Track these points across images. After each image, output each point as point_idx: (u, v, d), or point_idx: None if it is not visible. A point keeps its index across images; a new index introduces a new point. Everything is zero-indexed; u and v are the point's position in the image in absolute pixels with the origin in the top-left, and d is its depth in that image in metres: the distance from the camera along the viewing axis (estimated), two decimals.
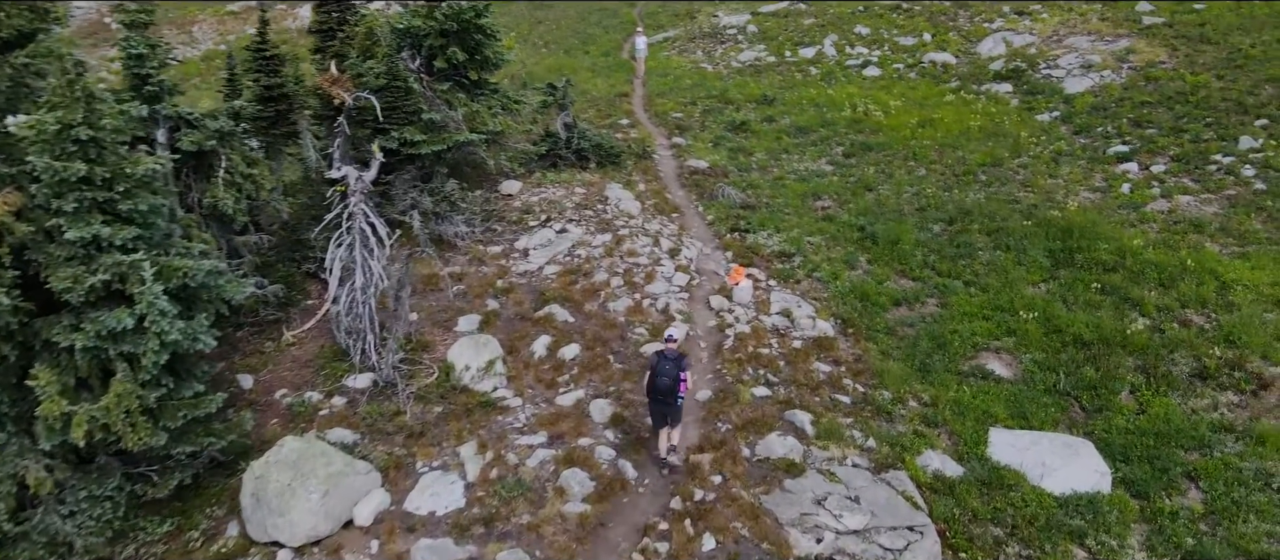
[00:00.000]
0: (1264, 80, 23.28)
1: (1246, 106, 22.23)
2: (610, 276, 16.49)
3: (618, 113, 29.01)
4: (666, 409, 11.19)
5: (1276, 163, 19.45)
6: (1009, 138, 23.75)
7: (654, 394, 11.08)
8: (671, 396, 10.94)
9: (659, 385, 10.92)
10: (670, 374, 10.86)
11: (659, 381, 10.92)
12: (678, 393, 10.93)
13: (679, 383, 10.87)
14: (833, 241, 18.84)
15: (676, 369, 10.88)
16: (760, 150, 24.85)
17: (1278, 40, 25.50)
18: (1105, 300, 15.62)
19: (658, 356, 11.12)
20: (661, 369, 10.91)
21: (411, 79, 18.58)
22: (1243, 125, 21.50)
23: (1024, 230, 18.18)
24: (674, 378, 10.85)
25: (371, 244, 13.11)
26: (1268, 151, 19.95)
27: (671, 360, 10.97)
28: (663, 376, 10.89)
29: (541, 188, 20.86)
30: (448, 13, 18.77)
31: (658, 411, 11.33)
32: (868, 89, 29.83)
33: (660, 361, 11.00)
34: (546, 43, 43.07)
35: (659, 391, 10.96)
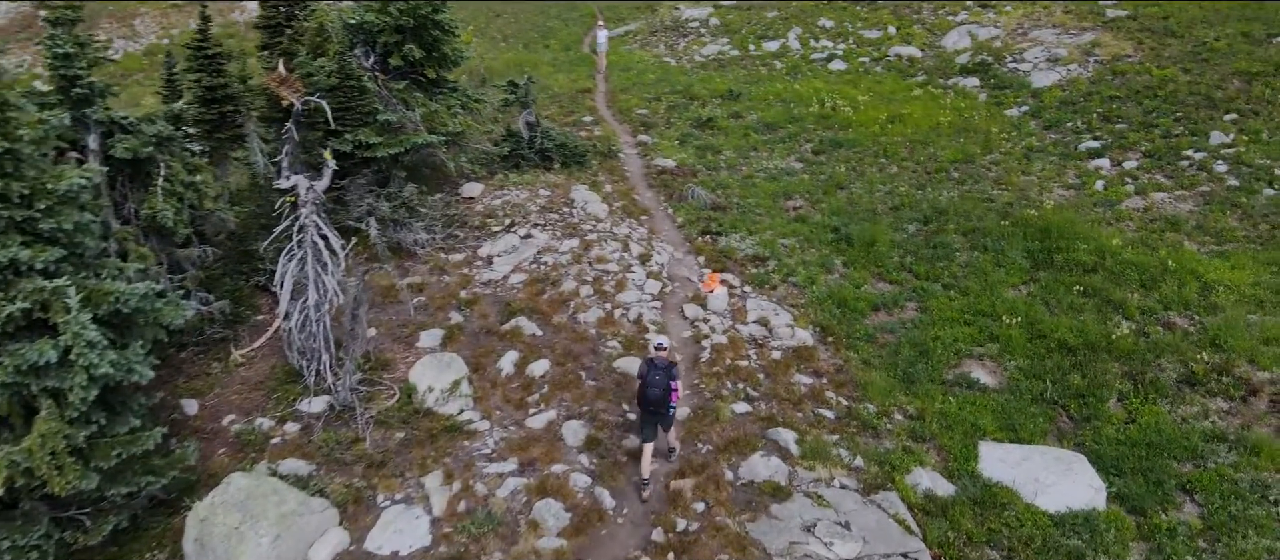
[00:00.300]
0: (1230, 74, 23.22)
1: (1214, 101, 22.13)
2: (579, 285, 15.75)
3: (581, 109, 28.20)
4: (658, 419, 10.89)
5: (1248, 159, 19.31)
6: (979, 134, 23.43)
7: (644, 404, 10.73)
8: (663, 406, 10.66)
9: (650, 396, 10.60)
10: (661, 384, 10.56)
11: (650, 392, 10.59)
12: (669, 403, 10.65)
13: (670, 393, 10.59)
14: (807, 243, 18.30)
15: (667, 378, 10.58)
16: (728, 148, 24.24)
17: (1241, 34, 25.50)
18: (1087, 303, 15.26)
19: (648, 366, 10.73)
20: (652, 379, 10.60)
21: (365, 78, 17.61)
22: (1212, 120, 21.38)
23: (1001, 230, 17.80)
24: (665, 388, 10.56)
25: (325, 258, 12.22)
26: (1239, 147, 19.82)
27: (661, 369, 10.61)
28: (653, 387, 10.58)
29: (504, 190, 20.02)
30: (403, 8, 17.81)
31: (648, 422, 10.93)
32: (834, 84, 29.38)
33: (650, 371, 10.64)
34: (505, 37, 42.05)
35: (650, 402, 10.64)
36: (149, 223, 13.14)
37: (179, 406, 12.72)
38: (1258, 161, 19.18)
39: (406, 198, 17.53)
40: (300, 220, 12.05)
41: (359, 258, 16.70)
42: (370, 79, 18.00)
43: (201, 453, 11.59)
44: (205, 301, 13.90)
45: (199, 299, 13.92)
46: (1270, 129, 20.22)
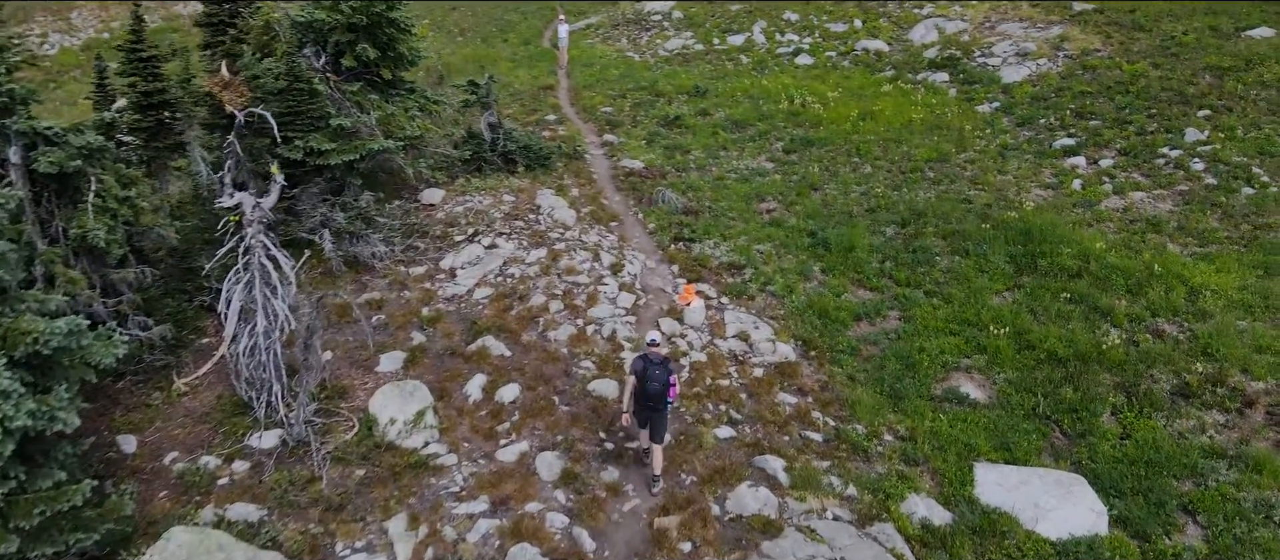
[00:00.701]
0: (1201, 69, 23.05)
1: (1187, 96, 21.91)
2: (548, 299, 14.92)
3: (543, 107, 27.28)
4: (654, 415, 10.68)
5: (1225, 156, 19.06)
6: (952, 131, 22.98)
7: (643, 401, 10.57)
8: (662, 402, 10.52)
9: (649, 391, 10.45)
10: (660, 379, 10.40)
11: (649, 387, 10.43)
12: (667, 398, 10.51)
13: (669, 388, 10.44)
14: (783, 249, 17.66)
15: (665, 373, 10.43)
16: (697, 147, 23.52)
17: (1209, 27, 25.39)
18: (1074, 310, 14.81)
19: (643, 362, 10.52)
20: (650, 374, 10.42)
21: (316, 80, 16.57)
22: (1185, 116, 21.14)
23: (982, 233, 17.32)
24: (664, 383, 10.41)
25: (274, 280, 11.24)
26: (1215, 144, 19.57)
27: (658, 364, 10.45)
28: (653, 382, 10.41)
29: (466, 196, 19.09)
30: (356, 6, 16.78)
31: (644, 419, 10.80)
32: (802, 79, 28.81)
33: (647, 367, 10.44)
34: (463, 30, 40.89)
35: (649, 397, 10.49)
36: (79, 243, 12.05)
37: (115, 444, 11.67)
38: (1234, 159, 18.94)
39: (363, 207, 16.57)
40: (246, 241, 11.06)
41: (312, 273, 15.72)
42: (321, 81, 16.96)
43: (140, 497, 10.60)
44: (144, 327, 12.84)
45: (137, 323, 12.86)
46: (1245, 125, 20.01)
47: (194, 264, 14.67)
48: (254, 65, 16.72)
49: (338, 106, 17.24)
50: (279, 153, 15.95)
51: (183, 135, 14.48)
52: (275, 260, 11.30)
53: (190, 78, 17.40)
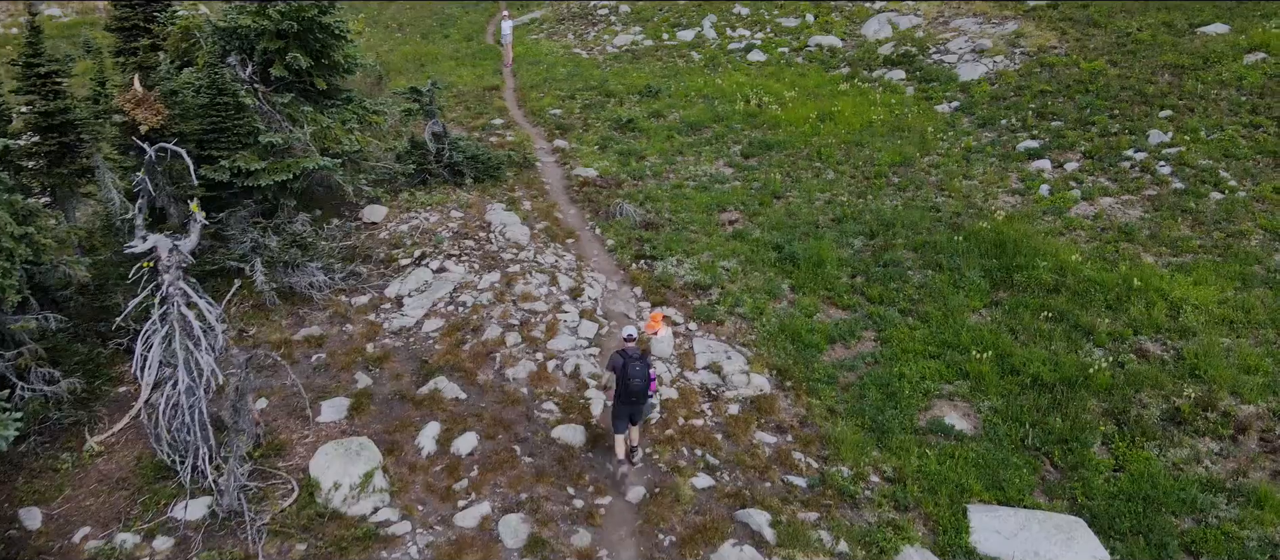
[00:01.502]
0: (1159, 67, 22.80)
1: (1147, 96, 21.62)
2: (505, 331, 13.83)
3: (489, 110, 26.02)
4: (635, 410, 10.86)
5: (1191, 160, 18.75)
6: (914, 133, 22.39)
7: (624, 397, 10.65)
8: (644, 397, 10.73)
9: (632, 387, 10.56)
10: (641, 375, 10.54)
11: (631, 383, 10.54)
12: (649, 393, 10.72)
13: (649, 382, 10.65)
14: (749, 264, 16.81)
15: (645, 367, 10.58)
16: (652, 153, 22.54)
17: (1163, 24, 25.22)
18: (1055, 329, 14.25)
19: (622, 358, 10.58)
20: (631, 370, 10.52)
21: (242, 92, 15.18)
22: (1147, 116, 20.84)
23: (954, 246, 16.69)
24: (645, 378, 10.58)
25: (197, 332, 9.97)
26: (1180, 147, 19.25)
27: (638, 359, 10.57)
28: (635, 378, 10.52)
29: (411, 213, 17.84)
30: (285, 11, 15.38)
31: (624, 414, 10.85)
32: (757, 77, 28.00)
33: (627, 363, 10.53)
34: (401, 25, 39.22)
35: (632, 393, 10.59)
36: None
37: (17, 519, 10.29)
38: (1200, 162, 18.63)
39: (298, 232, 15.23)
40: (163, 289, 9.76)
41: (243, 306, 14.38)
42: (248, 93, 15.58)
43: None
44: (50, 380, 11.43)
45: (41, 377, 11.44)
46: (1208, 127, 19.75)
47: (108, 301, 13.26)
48: (172, 77, 15.27)
49: (267, 121, 15.87)
50: (203, 175, 14.57)
51: (90, 158, 12.99)
52: (198, 309, 10.00)
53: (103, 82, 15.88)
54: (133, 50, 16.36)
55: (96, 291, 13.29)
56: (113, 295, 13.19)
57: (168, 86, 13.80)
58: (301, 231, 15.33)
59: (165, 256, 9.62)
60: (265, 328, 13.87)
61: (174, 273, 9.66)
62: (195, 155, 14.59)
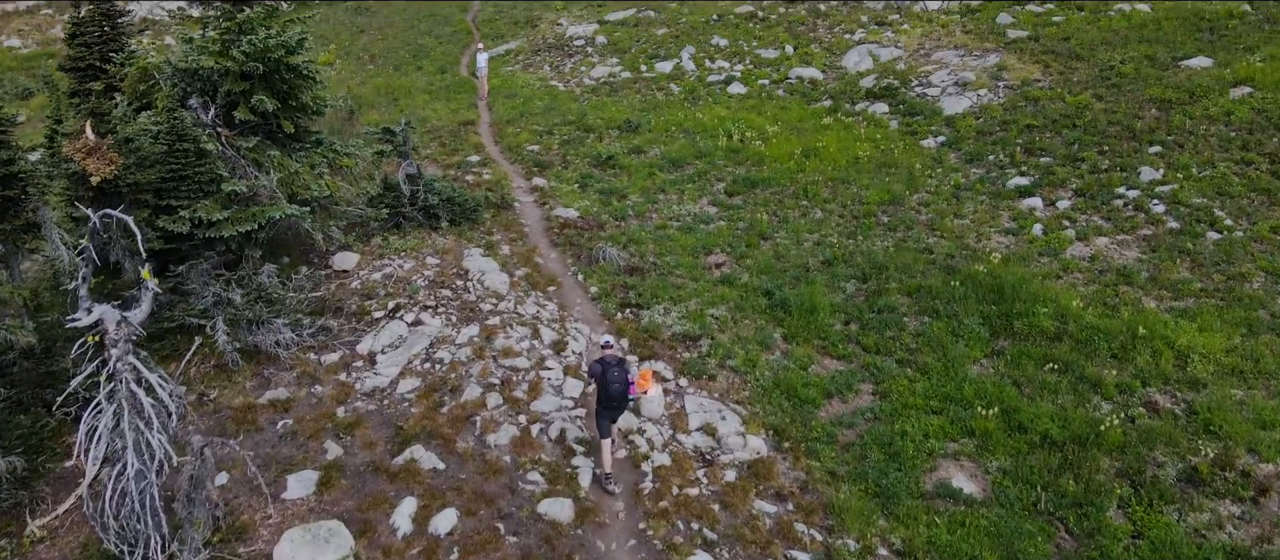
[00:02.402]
0: (1145, 101, 22.56)
1: (1135, 131, 21.33)
2: (485, 391, 13.02)
3: (465, 147, 25.24)
4: (617, 413, 11.37)
5: (1184, 198, 18.40)
6: (901, 170, 21.92)
7: (605, 402, 11.13)
8: (624, 401, 11.16)
9: (613, 393, 11.02)
10: (620, 380, 11.02)
11: (612, 388, 11.00)
12: (629, 397, 11.17)
13: (629, 387, 11.09)
14: (739, 312, 16.15)
15: (624, 372, 11.07)
16: (634, 191, 21.87)
17: (1146, 57, 25.07)
18: (1061, 381, 13.68)
19: (601, 365, 11.10)
20: (612, 376, 11.00)
21: (204, 137, 14.33)
22: (1137, 152, 20.52)
23: (951, 291, 16.13)
24: (624, 383, 11.04)
25: (148, 411, 9.08)
26: (1173, 184, 18.91)
27: (617, 365, 11.09)
28: (615, 383, 11.00)
29: (385, 260, 17.01)
30: (249, 51, 14.57)
31: (606, 417, 11.29)
32: (738, 111, 27.50)
33: (606, 370, 11.03)
34: (372, 57, 38.42)
35: (613, 399, 11.07)
36: None
37: None
38: (1194, 201, 18.28)
39: (264, 284, 14.35)
40: (110, 365, 8.89)
41: (203, 366, 13.45)
42: (210, 138, 14.73)
43: None
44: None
45: None
46: (1199, 163, 19.45)
47: (56, 366, 12.28)
48: (128, 122, 14.38)
49: (231, 167, 15.02)
50: (161, 226, 13.68)
51: (36, 212, 12.07)
52: (150, 386, 9.12)
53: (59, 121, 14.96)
54: (88, 92, 15.42)
55: (43, 356, 12.31)
56: (61, 359, 12.20)
57: (122, 134, 12.90)
58: (267, 284, 14.45)
59: (113, 329, 8.75)
60: (227, 390, 12.96)
61: (123, 346, 8.78)
62: (152, 205, 13.77)
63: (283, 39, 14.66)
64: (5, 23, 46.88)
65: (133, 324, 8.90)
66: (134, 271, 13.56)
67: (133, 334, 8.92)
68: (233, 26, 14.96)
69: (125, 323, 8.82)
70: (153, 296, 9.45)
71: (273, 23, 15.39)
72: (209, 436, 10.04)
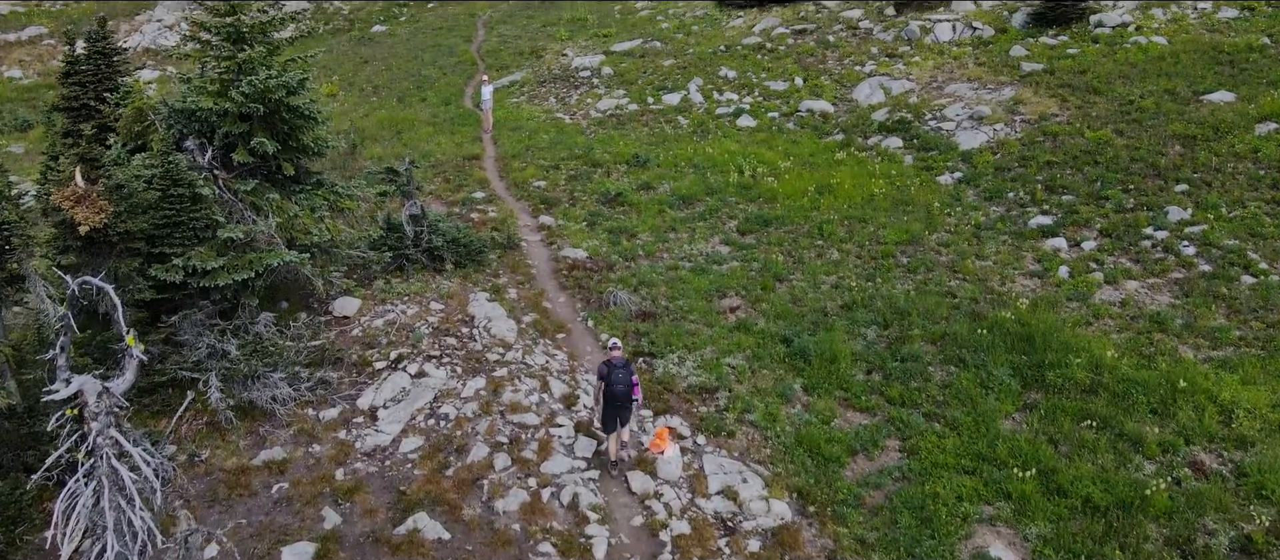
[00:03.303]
0: (1167, 137, 21.98)
1: (1160, 168, 20.73)
2: (492, 451, 12.33)
3: (469, 182, 24.69)
4: (621, 413, 11.99)
5: (1216, 239, 17.76)
6: (919, 208, 21.30)
7: (610, 402, 11.86)
8: (628, 401, 11.86)
9: (615, 393, 11.75)
10: (624, 381, 11.75)
11: (615, 389, 11.74)
12: (632, 397, 11.87)
13: (633, 387, 11.81)
14: (756, 361, 15.47)
15: (628, 375, 11.83)
16: (644, 230, 21.25)
17: (1166, 91, 24.51)
18: (1100, 438, 12.97)
19: (607, 366, 11.85)
20: (615, 378, 11.74)
21: (200, 181, 13.76)
22: (1163, 191, 19.91)
23: (977, 339, 15.45)
24: (628, 384, 11.78)
25: (131, 488, 8.40)
26: (1202, 224, 18.28)
27: (621, 366, 11.86)
28: (618, 384, 11.73)
29: (387, 305, 16.37)
30: (249, 92, 14.02)
31: (611, 417, 12.02)
32: (748, 145, 26.95)
33: (611, 371, 11.78)
34: (376, 88, 38.01)
35: (616, 399, 11.78)
36: None
37: None
38: (1226, 242, 17.65)
39: (260, 335, 13.71)
40: (90, 439, 8.23)
41: (196, 423, 12.77)
42: (207, 181, 14.17)
43: None
44: None
45: None
46: (1228, 203, 18.83)
47: (38, 427, 11.59)
48: (123, 163, 13.83)
49: (228, 211, 14.46)
50: (153, 275, 13.07)
51: (21, 265, 11.47)
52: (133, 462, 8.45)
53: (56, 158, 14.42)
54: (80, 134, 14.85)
55: (25, 415, 11.65)
56: (43, 419, 11.53)
57: (113, 181, 12.31)
58: (264, 334, 13.82)
59: (93, 402, 8.09)
60: (220, 450, 12.28)
61: (103, 420, 8.12)
62: (145, 253, 13.16)
63: (283, 80, 14.13)
64: (7, 53, 46.69)
65: (114, 395, 8.25)
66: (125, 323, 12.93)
67: (114, 406, 8.26)
68: (232, 66, 14.42)
69: (107, 394, 8.18)
70: (137, 365, 8.81)
71: (273, 62, 14.86)
72: (195, 527, 9.32)
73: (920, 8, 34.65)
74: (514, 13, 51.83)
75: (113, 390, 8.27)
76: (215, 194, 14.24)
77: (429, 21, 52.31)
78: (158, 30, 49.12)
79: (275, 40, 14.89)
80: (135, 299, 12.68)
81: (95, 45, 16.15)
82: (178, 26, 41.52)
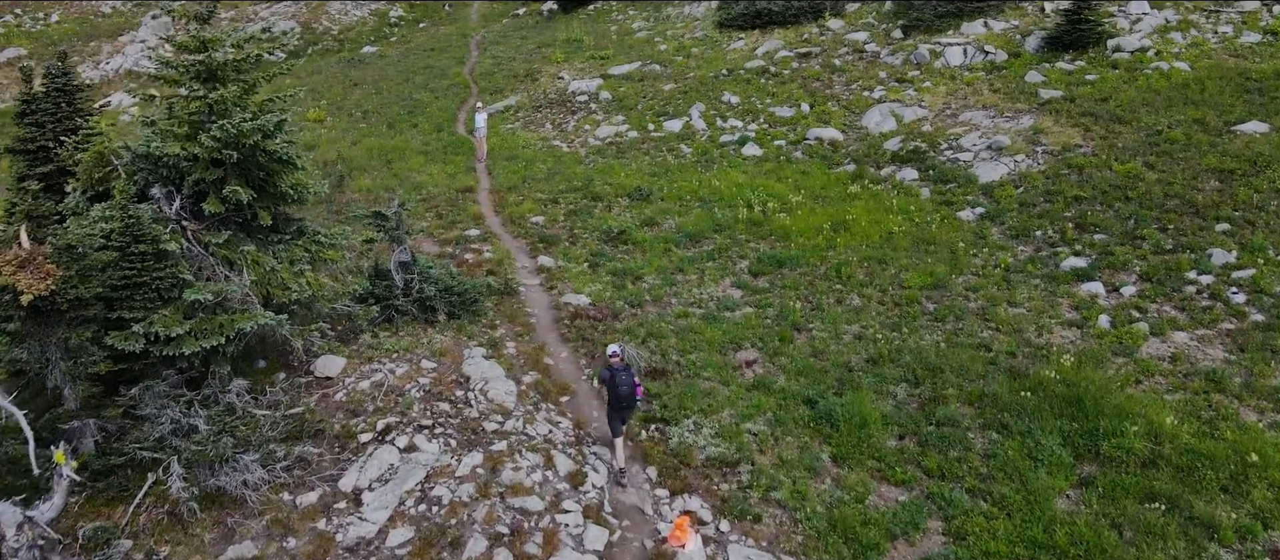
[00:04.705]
0: (1201, 171, 20.80)
1: (1197, 206, 19.52)
2: (491, 544, 10.94)
3: (463, 218, 23.34)
4: (625, 414, 12.61)
5: (1267, 285, 16.53)
6: (942, 247, 20.04)
7: (615, 404, 12.41)
8: (632, 402, 12.47)
9: (621, 395, 12.30)
10: (628, 383, 12.33)
11: (620, 391, 12.30)
12: (636, 398, 12.49)
13: (635, 388, 12.39)
14: (779, 426, 14.13)
15: (630, 377, 12.40)
16: (649, 271, 19.92)
17: (1194, 121, 23.36)
18: (1169, 523, 11.64)
19: (609, 371, 12.37)
20: (620, 380, 12.29)
21: (165, 235, 12.37)
22: (1203, 231, 18.69)
23: (1021, 402, 14.14)
24: (631, 385, 12.34)
25: None
26: (1251, 269, 17.06)
27: (624, 370, 12.43)
28: (623, 386, 12.30)
29: (374, 363, 14.99)
30: (221, 137, 12.64)
31: (618, 418, 12.57)
32: (755, 176, 25.70)
33: (614, 375, 12.30)
34: (366, 113, 36.63)
35: (623, 400, 12.34)
36: None
37: None
38: (1278, 290, 16.41)
39: (232, 407, 12.30)
40: None
41: (154, 512, 11.33)
42: (174, 235, 12.77)
43: None
44: None
45: None
46: (1276, 245, 17.62)
47: None
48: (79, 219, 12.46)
49: (198, 266, 13.07)
50: (110, 344, 11.67)
51: None
52: None
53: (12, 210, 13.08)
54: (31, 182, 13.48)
55: None
56: None
57: (61, 241, 10.92)
58: (234, 407, 12.40)
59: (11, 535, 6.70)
60: (182, 547, 10.86)
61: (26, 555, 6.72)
62: (100, 318, 11.76)
63: (259, 123, 12.75)
64: None
65: (39, 524, 6.87)
66: (76, 401, 11.55)
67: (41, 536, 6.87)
68: (202, 107, 13.06)
69: (30, 524, 6.79)
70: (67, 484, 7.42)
71: (249, 101, 13.52)
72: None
73: (929, 31, 33.53)
74: (508, 33, 50.66)
75: (36, 519, 6.88)
76: (183, 248, 12.86)
77: (420, 42, 51.09)
78: (141, 51, 47.69)
79: (251, 78, 13.53)
80: (88, 373, 11.26)
81: (55, 81, 14.79)
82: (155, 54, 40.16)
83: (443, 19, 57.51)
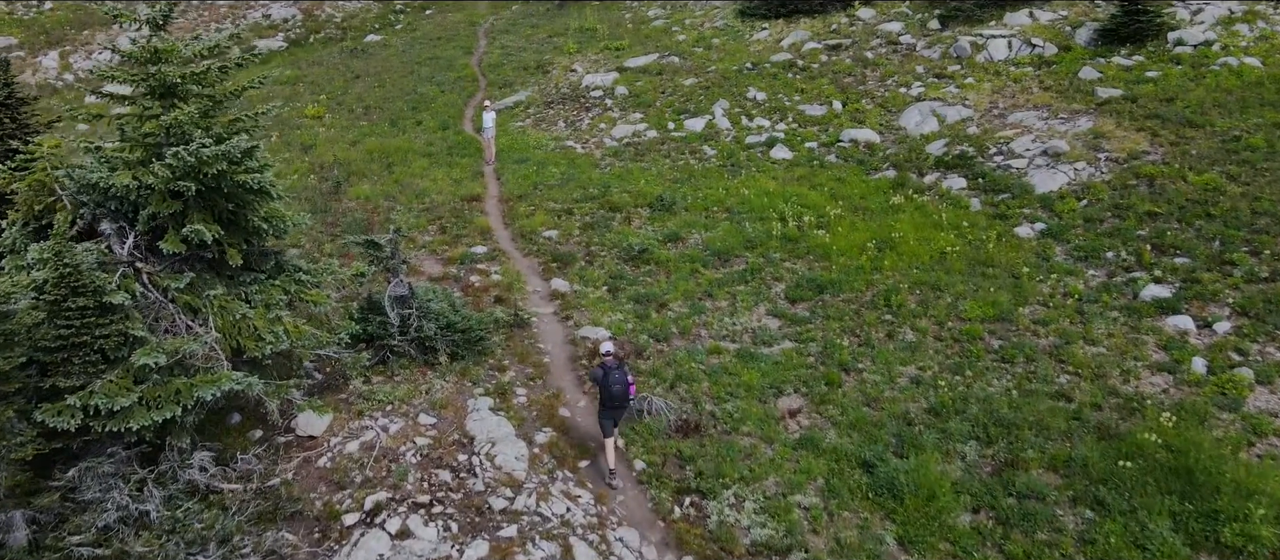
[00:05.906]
0: None
1: None
2: None
3: (469, 232, 21.33)
4: (618, 414, 12.29)
5: None
6: (1001, 271, 17.91)
7: (608, 403, 12.08)
8: (625, 400, 12.12)
9: (614, 393, 11.96)
10: (621, 381, 11.98)
11: (613, 390, 11.95)
12: (629, 397, 12.15)
13: (628, 387, 12.09)
14: (832, 497, 12.13)
15: (624, 375, 12.05)
16: (675, 296, 17.89)
17: (1275, 125, 21.11)
18: None
19: (602, 371, 12.01)
20: (613, 378, 11.94)
21: (112, 284, 10.40)
22: None
23: (1119, 472, 12.08)
24: (624, 383, 12.02)
25: None
26: None
27: (617, 368, 12.02)
28: (615, 385, 11.94)
29: (365, 418, 13.05)
30: (178, 166, 10.64)
31: (609, 418, 12.22)
32: (786, 182, 23.60)
33: (607, 374, 11.95)
34: (367, 108, 34.60)
35: (614, 399, 12.01)
36: None
37: None
38: None
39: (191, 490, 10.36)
40: None
41: None
42: (125, 280, 10.79)
43: None
44: None
45: None
46: None
47: None
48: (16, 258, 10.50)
49: (155, 316, 11.09)
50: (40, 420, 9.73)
51: None
52: None
53: None
54: None
55: None
56: None
57: None
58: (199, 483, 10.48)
59: None
60: None
61: None
62: (28, 389, 9.82)
63: (224, 149, 10.73)
64: None
65: None
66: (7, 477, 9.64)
67: None
68: (157, 131, 11.05)
69: None
70: None
71: (215, 121, 11.50)
72: None
73: (969, 21, 31.25)
74: (518, 21, 48.54)
75: None
76: (136, 296, 10.89)
77: (426, 31, 49.00)
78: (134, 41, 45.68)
79: (216, 92, 11.52)
80: (12, 458, 9.34)
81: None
82: None
83: (450, 5, 55.34)
